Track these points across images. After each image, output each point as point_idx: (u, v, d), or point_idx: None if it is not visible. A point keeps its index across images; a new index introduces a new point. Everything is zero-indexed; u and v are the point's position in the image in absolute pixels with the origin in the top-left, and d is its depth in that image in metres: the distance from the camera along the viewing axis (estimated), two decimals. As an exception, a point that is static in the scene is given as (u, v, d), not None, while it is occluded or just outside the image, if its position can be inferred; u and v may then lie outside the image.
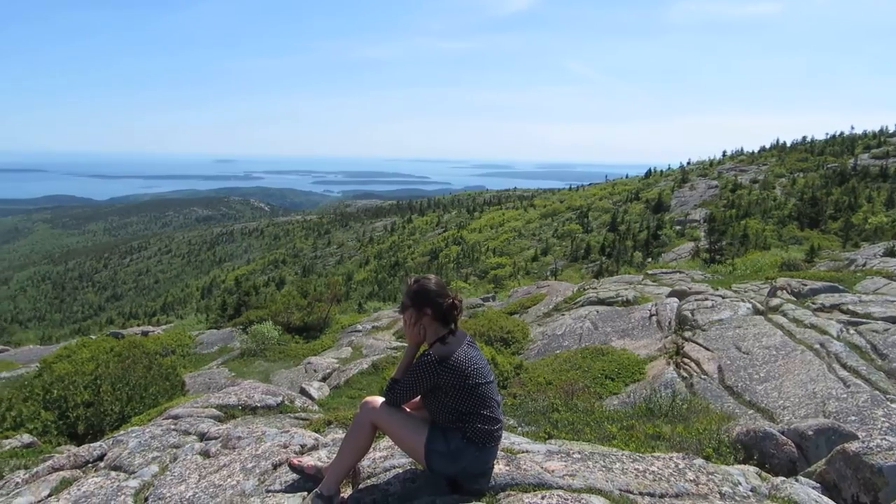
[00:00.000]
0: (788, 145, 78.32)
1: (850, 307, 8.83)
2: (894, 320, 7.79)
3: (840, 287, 10.67)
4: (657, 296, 13.10)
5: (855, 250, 24.63)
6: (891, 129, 71.32)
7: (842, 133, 76.13)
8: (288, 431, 4.45)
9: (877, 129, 72.62)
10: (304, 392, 9.89)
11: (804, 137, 79.09)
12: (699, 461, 3.62)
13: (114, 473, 4.15)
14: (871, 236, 34.60)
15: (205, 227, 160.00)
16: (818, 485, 3.60)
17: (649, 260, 39.43)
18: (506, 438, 3.81)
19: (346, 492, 3.35)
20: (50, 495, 3.96)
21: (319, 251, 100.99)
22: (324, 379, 12.22)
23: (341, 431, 4.95)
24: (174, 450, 4.50)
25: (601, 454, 3.60)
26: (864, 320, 7.99)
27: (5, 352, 23.10)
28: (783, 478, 3.62)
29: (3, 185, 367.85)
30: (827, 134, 77.65)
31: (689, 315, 9.87)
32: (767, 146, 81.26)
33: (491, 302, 20.89)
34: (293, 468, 3.61)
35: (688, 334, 9.11)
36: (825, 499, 3.33)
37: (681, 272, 18.18)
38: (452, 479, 3.18)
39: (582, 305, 13.42)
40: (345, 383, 11.36)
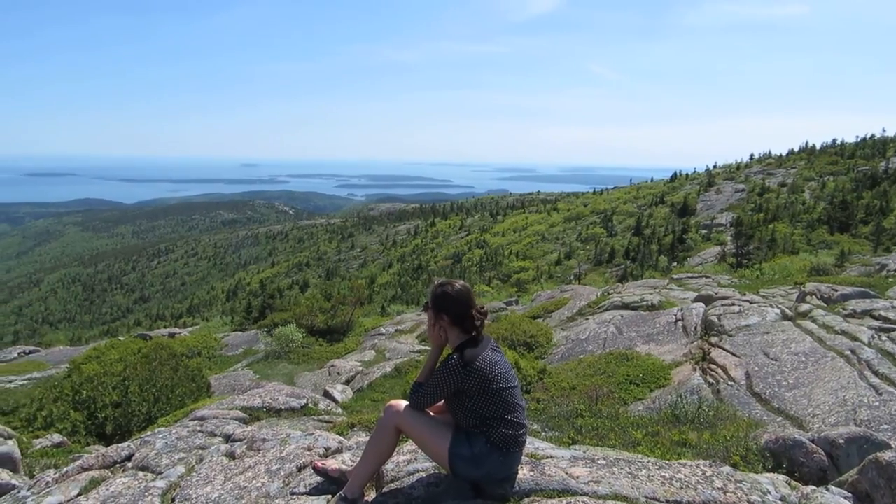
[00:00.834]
0: (818, 148, 76.91)
1: (882, 313, 8.65)
2: (928, 327, 7.61)
3: (871, 293, 10.45)
4: (683, 300, 12.94)
5: (886, 255, 24.08)
6: (924, 132, 69.65)
7: (872, 136, 74.60)
8: (312, 434, 4.48)
9: (909, 132, 70.93)
10: (327, 395, 9.94)
11: (834, 140, 77.61)
12: (727, 469, 3.56)
13: (141, 474, 4.21)
14: (903, 241, 33.84)
15: (230, 230, 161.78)
16: (850, 495, 3.52)
17: (674, 264, 38.98)
18: (530, 443, 3.79)
19: (370, 495, 3.36)
20: (79, 495, 4.02)
21: (343, 254, 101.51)
22: (347, 382, 12.27)
23: (365, 434, 4.97)
24: (200, 451, 4.55)
25: (626, 460, 3.56)
26: (897, 327, 7.82)
27: (36, 352, 23.56)
28: (813, 487, 3.55)
29: (36, 188, 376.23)
30: (857, 137, 76.15)
31: (716, 320, 9.73)
32: (796, 149, 79.87)
33: (514, 306, 20.82)
34: (317, 471, 3.63)
35: (714, 340, 8.99)
36: (857, 509, 3.27)
37: (707, 277, 17.95)
38: (476, 483, 3.17)
39: (606, 310, 13.30)
40: (368, 386, 11.39)
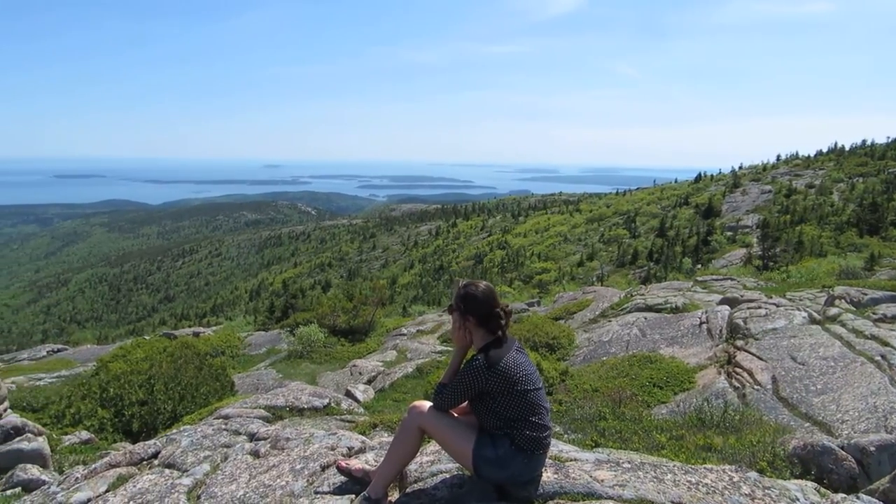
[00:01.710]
0: (847, 149, 75.50)
1: (914, 317, 8.47)
2: (962, 332, 7.44)
3: (903, 296, 10.23)
4: (707, 303, 12.79)
5: (918, 258, 23.59)
6: (957, 132, 67.95)
7: (904, 136, 72.99)
8: (335, 434, 4.50)
9: (942, 132, 69.26)
10: (349, 394, 9.99)
11: (864, 141, 76.07)
12: (753, 475, 3.51)
13: (167, 471, 4.26)
14: (935, 244, 33.10)
15: (253, 230, 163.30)
16: (881, 503, 3.45)
17: (699, 266, 38.53)
18: (553, 446, 3.77)
19: (394, 495, 3.37)
20: (107, 491, 4.09)
21: (365, 255, 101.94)
22: (369, 382, 12.32)
23: (387, 435, 4.98)
24: (225, 449, 4.59)
25: (652, 464, 3.53)
26: (930, 331, 7.65)
27: (64, 351, 24.00)
28: (843, 495, 3.48)
29: (65, 190, 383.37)
30: (888, 137, 74.50)
31: (742, 323, 9.61)
32: (824, 150, 78.49)
33: (536, 307, 20.75)
34: (341, 470, 3.64)
35: (740, 343, 8.87)
36: (889, 518, 3.20)
37: (732, 279, 17.71)
38: (500, 485, 3.16)
39: (629, 312, 13.20)
40: (389, 386, 11.42)
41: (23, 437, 7.01)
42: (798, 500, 3.23)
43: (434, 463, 3.63)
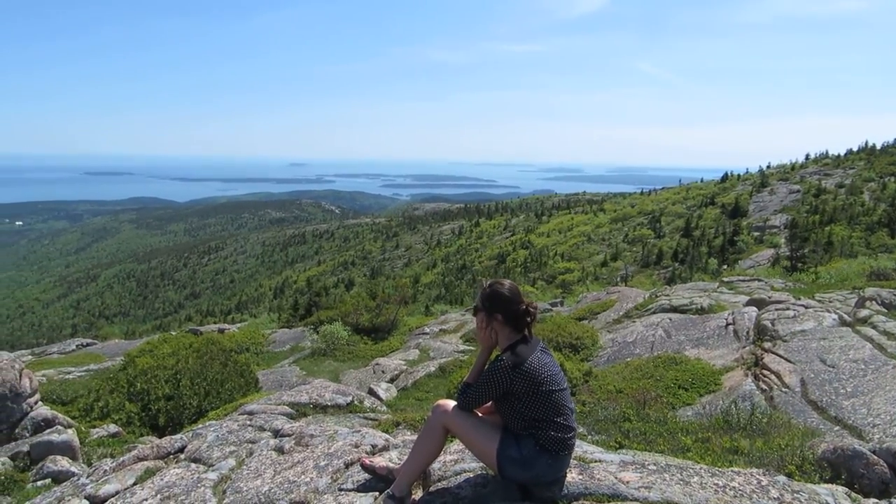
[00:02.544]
0: (878, 148, 73.92)
1: (949, 320, 8.26)
2: None
3: (937, 299, 9.99)
4: (734, 304, 12.62)
5: (953, 260, 23.00)
6: None
7: (938, 134, 71.22)
8: (359, 431, 4.51)
9: (978, 131, 67.53)
10: (372, 393, 10.03)
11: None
12: (782, 478, 3.45)
13: (194, 465, 4.31)
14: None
15: (278, 228, 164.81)
16: (914, 509, 3.38)
17: (725, 267, 38.04)
18: (578, 447, 3.74)
19: (418, 494, 3.37)
20: (135, 484, 4.15)
21: (388, 253, 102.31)
22: (391, 380, 12.36)
23: (410, 433, 4.98)
24: (250, 445, 4.63)
25: (678, 466, 3.48)
26: (965, 335, 7.46)
27: (93, 345, 24.40)
28: (875, 500, 3.42)
29: (95, 187, 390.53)
30: (922, 136, 72.72)
31: (769, 325, 9.45)
32: (855, 149, 76.96)
33: (559, 307, 20.65)
34: (365, 468, 3.66)
35: (767, 345, 8.73)
36: (922, 524, 3.12)
37: (759, 280, 17.45)
38: (524, 486, 3.15)
39: (654, 312, 13.07)
40: (412, 385, 11.45)
41: (53, 430, 7.15)
42: (828, 504, 3.17)
43: (458, 462, 3.63)
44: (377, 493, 3.40)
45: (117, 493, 4.05)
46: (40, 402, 8.28)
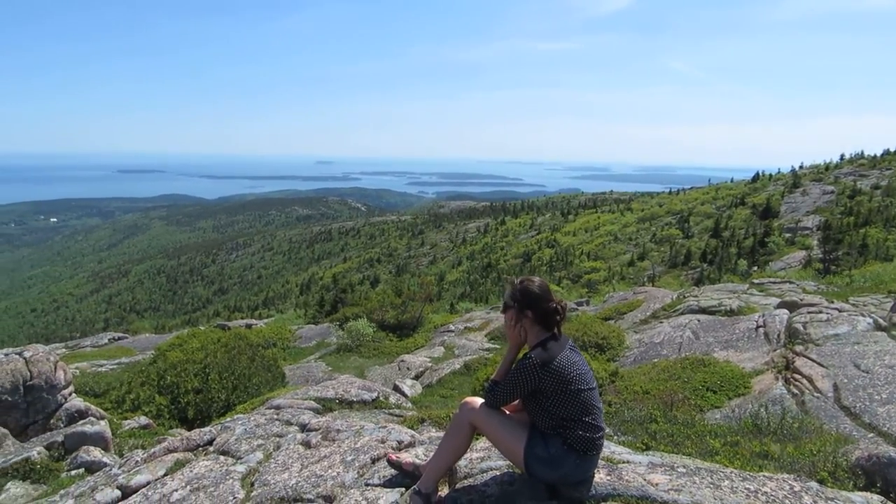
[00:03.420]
0: (917, 148, 72.03)
1: None
2: None
3: (977, 303, 9.72)
4: (764, 306, 12.40)
5: None
6: None
7: (979, 134, 69.18)
8: (385, 427, 4.53)
9: None
10: (397, 389, 10.06)
11: (935, 139, 72.50)
12: (814, 485, 3.38)
13: (222, 458, 4.37)
14: None
15: (304, 225, 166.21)
16: (952, 519, 3.29)
17: (755, 268, 37.42)
18: (605, 447, 3.71)
19: (444, 490, 3.37)
20: (165, 475, 4.22)
21: (413, 251, 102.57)
22: (416, 377, 12.38)
23: (435, 430, 4.99)
24: (277, 438, 4.68)
25: (708, 470, 3.44)
26: None
27: (124, 339, 24.87)
28: (911, 509, 3.33)
29: (126, 185, 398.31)
30: (961, 136, 70.72)
31: (801, 328, 9.27)
32: (892, 149, 75.07)
33: (585, 306, 20.51)
34: (391, 464, 3.68)
35: (799, 348, 8.56)
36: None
37: (791, 282, 17.12)
38: (551, 485, 3.13)
39: (682, 313, 12.91)
40: (437, 382, 11.47)
41: (86, 421, 7.32)
42: (863, 512, 3.10)
43: (484, 459, 3.63)
44: (403, 490, 3.41)
45: (148, 483, 4.12)
46: (74, 394, 8.47)
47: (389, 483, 3.52)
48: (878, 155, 75.09)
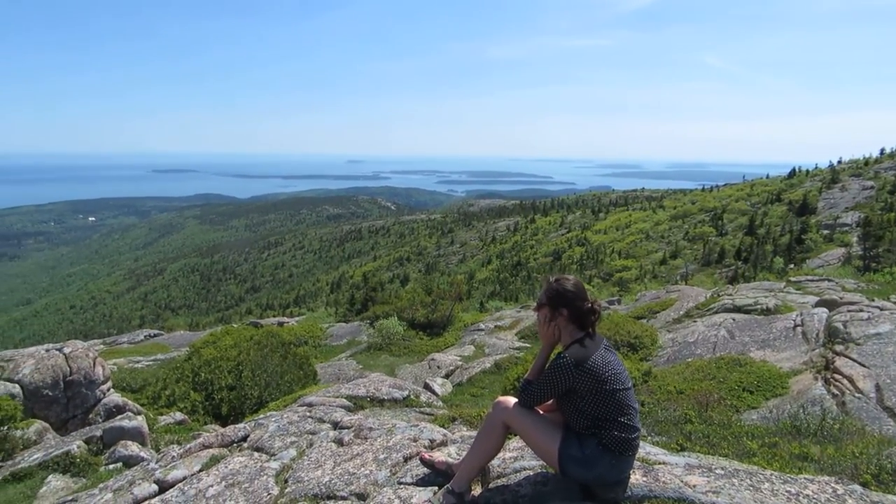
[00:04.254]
0: (961, 142, 69.67)
1: None
2: None
3: None
4: (802, 305, 12.12)
5: None
6: None
7: None
8: (417, 426, 4.53)
9: None
10: (427, 387, 10.08)
11: (980, 133, 70.12)
12: (858, 488, 3.28)
13: (256, 454, 4.41)
14: None
15: (335, 224, 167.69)
16: None
17: (791, 266, 36.62)
18: (640, 448, 3.66)
19: (476, 490, 3.36)
20: (201, 470, 4.28)
21: (443, 250, 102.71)
22: (447, 376, 12.39)
23: (466, 429, 4.98)
24: (310, 436, 4.71)
25: (746, 472, 3.36)
26: None
27: (160, 336, 25.37)
28: (958, 514, 3.21)
29: (161, 184, 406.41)
30: None
31: (841, 327, 9.04)
32: (935, 143, 72.75)
33: (616, 305, 20.29)
34: (424, 462, 3.67)
35: (839, 348, 8.35)
36: None
37: (829, 280, 16.71)
38: (585, 485, 3.09)
39: (716, 312, 12.69)
40: (467, 381, 11.45)
41: (124, 416, 7.47)
42: (910, 517, 3.00)
43: (517, 459, 3.60)
44: (436, 488, 3.40)
45: (185, 478, 4.18)
46: (112, 390, 8.66)
47: (422, 481, 3.51)
48: (921, 149, 72.88)
